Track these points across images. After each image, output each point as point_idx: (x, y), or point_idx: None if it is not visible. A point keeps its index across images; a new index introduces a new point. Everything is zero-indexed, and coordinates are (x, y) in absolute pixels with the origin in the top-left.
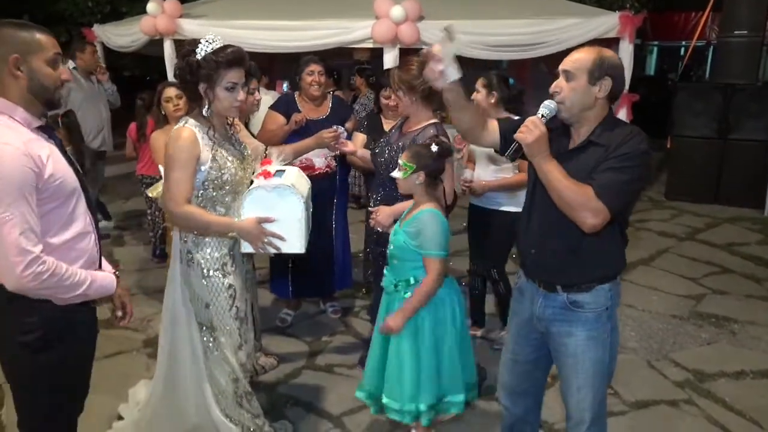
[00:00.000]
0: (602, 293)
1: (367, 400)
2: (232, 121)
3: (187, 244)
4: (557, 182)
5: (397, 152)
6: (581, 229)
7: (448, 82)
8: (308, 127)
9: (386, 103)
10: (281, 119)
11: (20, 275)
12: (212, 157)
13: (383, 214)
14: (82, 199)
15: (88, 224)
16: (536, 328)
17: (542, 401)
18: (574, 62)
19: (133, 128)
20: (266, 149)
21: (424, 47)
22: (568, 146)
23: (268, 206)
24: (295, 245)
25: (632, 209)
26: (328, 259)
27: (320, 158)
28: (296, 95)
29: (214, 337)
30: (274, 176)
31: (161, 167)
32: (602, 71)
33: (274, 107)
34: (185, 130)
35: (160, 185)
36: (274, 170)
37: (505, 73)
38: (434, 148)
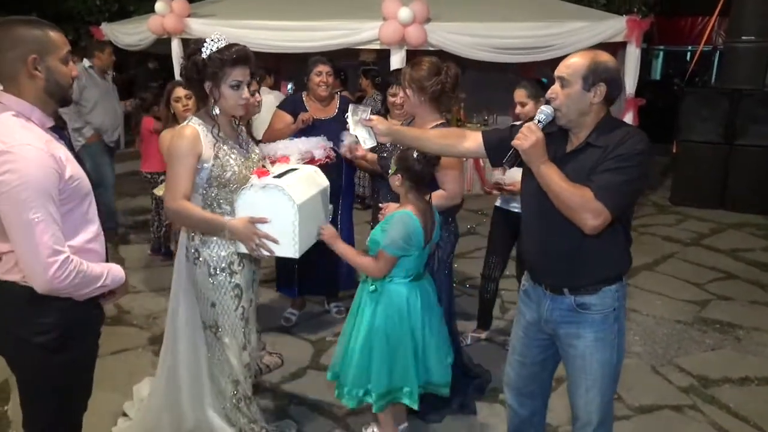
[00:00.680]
0: (609, 294)
1: (336, 381)
2: (239, 119)
3: (194, 242)
4: (556, 186)
5: None
6: (583, 231)
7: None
8: (315, 126)
9: (393, 101)
10: (288, 118)
11: (53, 276)
12: (215, 154)
13: (392, 208)
14: (94, 200)
15: (99, 225)
16: (544, 330)
17: (548, 404)
18: (568, 68)
19: (149, 122)
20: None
21: (431, 48)
22: (565, 149)
23: (259, 206)
24: (288, 249)
25: (634, 209)
26: (334, 258)
27: (319, 149)
28: (304, 95)
29: (217, 337)
30: (282, 175)
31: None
32: (596, 77)
33: (281, 106)
34: (188, 128)
35: None
36: (284, 169)
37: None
38: (415, 154)
